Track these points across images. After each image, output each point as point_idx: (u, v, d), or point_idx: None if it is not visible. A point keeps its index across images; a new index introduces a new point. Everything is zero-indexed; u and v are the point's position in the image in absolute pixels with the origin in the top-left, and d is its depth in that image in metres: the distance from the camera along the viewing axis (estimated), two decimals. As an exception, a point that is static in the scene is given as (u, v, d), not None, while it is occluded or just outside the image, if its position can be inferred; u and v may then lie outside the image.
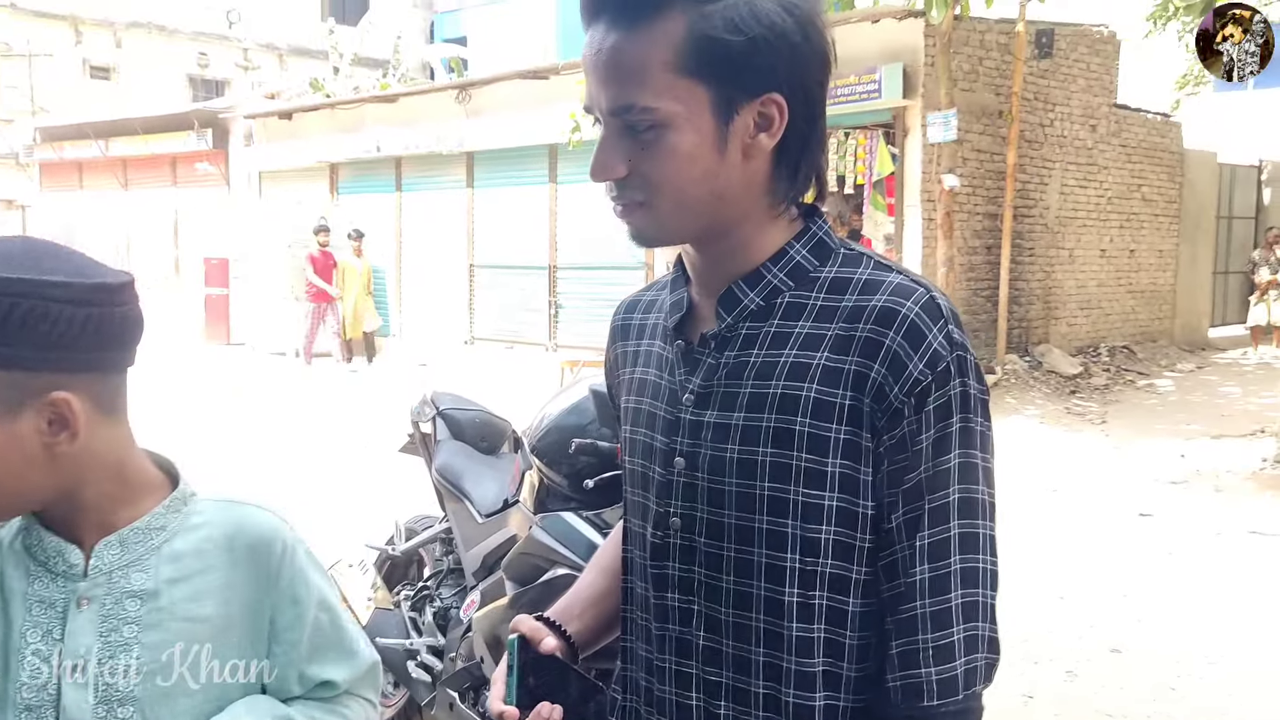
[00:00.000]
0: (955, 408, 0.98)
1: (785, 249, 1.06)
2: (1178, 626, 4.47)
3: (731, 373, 1.04)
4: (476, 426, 3.47)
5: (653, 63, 0.97)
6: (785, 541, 1.00)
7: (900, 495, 0.99)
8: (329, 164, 16.17)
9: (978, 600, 0.99)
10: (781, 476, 1.00)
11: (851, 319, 1.00)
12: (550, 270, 13.64)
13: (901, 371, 0.97)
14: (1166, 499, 6.69)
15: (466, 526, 3.08)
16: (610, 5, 0.99)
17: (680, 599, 1.07)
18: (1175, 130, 13.75)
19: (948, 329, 0.99)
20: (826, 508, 0.99)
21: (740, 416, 1.02)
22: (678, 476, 1.07)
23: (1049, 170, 11.63)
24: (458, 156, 14.31)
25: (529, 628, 1.12)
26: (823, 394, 0.99)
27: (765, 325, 1.04)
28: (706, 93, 0.98)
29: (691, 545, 1.06)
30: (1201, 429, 8.87)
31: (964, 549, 0.99)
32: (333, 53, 21.46)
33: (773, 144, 1.01)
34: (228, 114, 18.17)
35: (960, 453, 0.98)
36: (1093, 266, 12.44)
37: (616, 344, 1.23)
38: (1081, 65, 11.94)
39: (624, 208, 1.04)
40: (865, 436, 0.98)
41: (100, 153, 20.17)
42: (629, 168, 1.01)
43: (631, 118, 0.99)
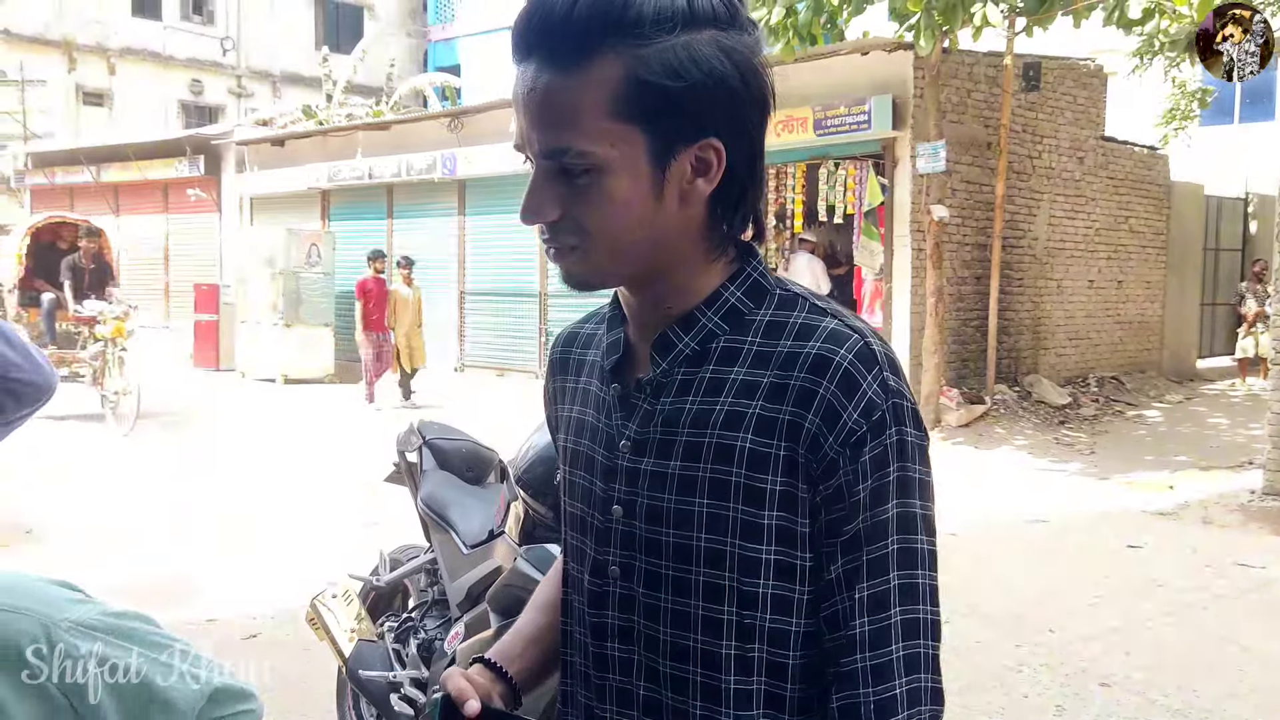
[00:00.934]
0: (892, 457, 0.96)
1: (720, 291, 1.03)
2: (1167, 659, 4.45)
3: (668, 420, 1.02)
4: (463, 457, 3.46)
5: (588, 106, 0.94)
6: (722, 594, 0.99)
7: (839, 546, 0.97)
8: (321, 190, 16.21)
9: (919, 652, 0.97)
10: (718, 528, 0.98)
11: (786, 366, 0.98)
12: (541, 298, 13.66)
13: (836, 421, 0.95)
14: (1155, 530, 6.69)
15: (452, 557, 3.06)
16: (542, 46, 0.96)
17: (620, 648, 1.05)
18: (1162, 163, 13.88)
19: (882, 376, 0.97)
20: (764, 561, 0.98)
21: (677, 465, 1.01)
22: (616, 524, 1.05)
23: (1037, 201, 11.72)
24: (449, 184, 14.36)
25: (454, 687, 1.06)
26: (758, 444, 0.97)
27: (700, 371, 1.02)
28: (643, 138, 0.96)
29: (630, 595, 1.04)
30: (1190, 460, 8.89)
31: (904, 600, 0.96)
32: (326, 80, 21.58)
33: (710, 189, 0.99)
34: (220, 140, 18.22)
35: (898, 502, 0.97)
36: (1081, 297, 12.51)
37: (555, 378, 1.21)
38: (1069, 98, 12.06)
39: (557, 250, 1.02)
40: (801, 488, 0.97)
41: (92, 178, 20.18)
42: (561, 211, 0.99)
43: (565, 161, 0.97)
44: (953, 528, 5.96)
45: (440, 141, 14.29)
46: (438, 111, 16.87)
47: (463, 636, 2.81)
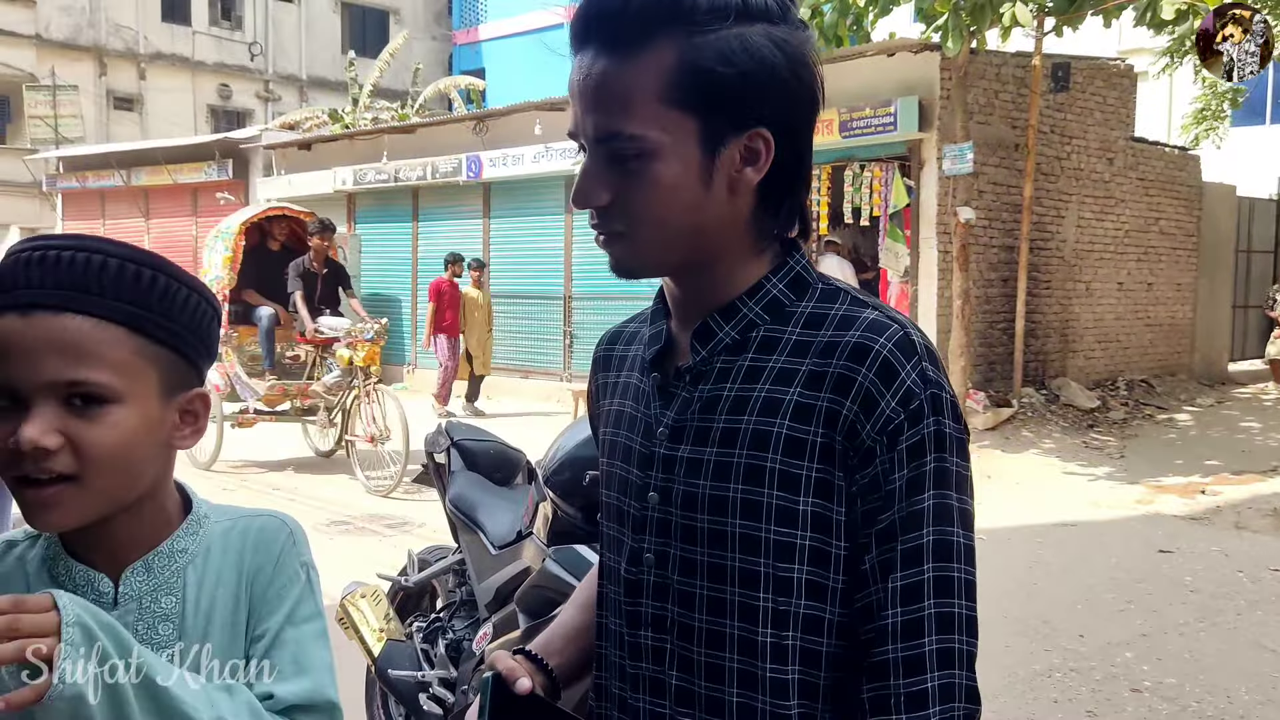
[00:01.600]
0: (929, 447, 0.96)
1: (762, 283, 1.04)
2: (1199, 665, 4.39)
3: (705, 407, 1.03)
4: (490, 458, 3.47)
5: (641, 91, 0.96)
6: (758, 580, 0.99)
7: (873, 536, 0.96)
8: (346, 193, 16.31)
9: (953, 647, 0.95)
10: (753, 514, 0.98)
11: (825, 354, 0.99)
12: (565, 300, 13.68)
13: (874, 409, 0.95)
14: (1186, 535, 6.61)
15: (480, 558, 3.07)
16: (600, 32, 0.98)
17: (654, 637, 1.05)
18: (1194, 163, 13.72)
19: (921, 365, 0.97)
20: (799, 547, 0.98)
21: (713, 452, 1.01)
22: (651, 512, 1.05)
23: (1065, 203, 11.62)
24: (474, 186, 14.42)
25: (505, 666, 1.08)
26: (795, 430, 0.97)
27: (739, 359, 1.03)
28: (694, 124, 0.97)
29: (665, 583, 1.04)
30: (1222, 464, 8.78)
31: (939, 593, 0.95)
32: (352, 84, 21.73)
33: (758, 179, 1.00)
34: (248, 144, 18.38)
35: (935, 493, 0.96)
36: (1110, 300, 12.38)
37: (598, 375, 1.23)
38: (1098, 99, 11.95)
39: (605, 237, 1.04)
40: (838, 475, 0.97)
41: (123, 182, 20.41)
42: (612, 196, 1.00)
43: (617, 146, 0.98)
44: (980, 531, 5.91)
45: (465, 144, 14.35)
46: (462, 114, 16.95)
47: (491, 637, 2.82)
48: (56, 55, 25.27)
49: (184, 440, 1.04)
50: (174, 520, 1.06)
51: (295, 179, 17.01)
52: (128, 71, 26.76)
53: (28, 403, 0.92)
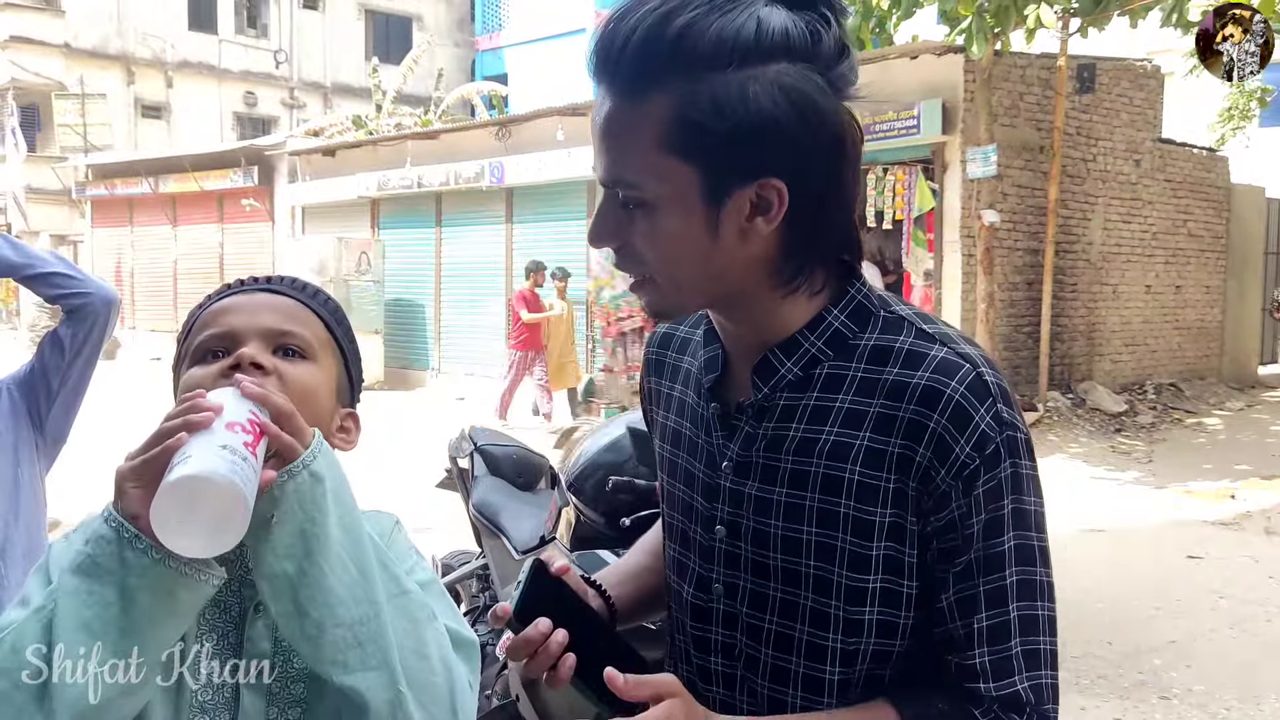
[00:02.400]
0: (1006, 490, 0.95)
1: (823, 314, 1.01)
2: (1229, 672, 4.34)
3: (770, 445, 1.01)
4: (514, 463, 3.48)
5: (639, 139, 0.93)
6: (828, 621, 0.99)
7: (950, 576, 0.96)
8: (370, 199, 16.41)
9: (1042, 683, 0.97)
10: (826, 557, 0.98)
11: (894, 396, 0.96)
12: (587, 305, 13.70)
13: (948, 455, 0.94)
14: (1216, 540, 6.53)
15: (503, 563, 3.07)
16: (608, 73, 0.95)
17: (724, 664, 1.06)
18: (1222, 165, 13.58)
19: (996, 408, 0.95)
20: (870, 590, 0.98)
21: (783, 492, 1.00)
22: (719, 543, 1.05)
23: (1092, 206, 11.53)
24: (497, 192, 14.47)
25: (547, 556, 1.09)
26: (866, 476, 0.96)
27: (804, 398, 1.01)
28: (694, 174, 0.93)
29: (734, 613, 1.04)
30: (1252, 469, 8.67)
31: (1024, 632, 0.96)
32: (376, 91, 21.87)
33: (771, 228, 0.95)
34: (273, 151, 18.53)
35: (1015, 534, 0.96)
36: (1137, 302, 12.27)
37: (650, 378, 1.21)
38: (1125, 100, 11.86)
39: (633, 282, 1.03)
40: (911, 519, 0.96)
41: (150, 190, 20.62)
42: (621, 240, 0.98)
43: (621, 191, 0.96)
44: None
45: (488, 150, 14.41)
46: (485, 120, 17.01)
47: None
48: (85, 64, 25.58)
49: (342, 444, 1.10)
50: None
51: (319, 185, 17.14)
52: (155, 80, 27.05)
53: (239, 343, 1.02)
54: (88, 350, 2.13)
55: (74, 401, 2.15)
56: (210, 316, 1.05)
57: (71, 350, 2.09)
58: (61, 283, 2.09)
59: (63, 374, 2.10)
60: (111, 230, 22.21)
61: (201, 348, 1.03)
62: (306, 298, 1.10)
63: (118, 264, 21.99)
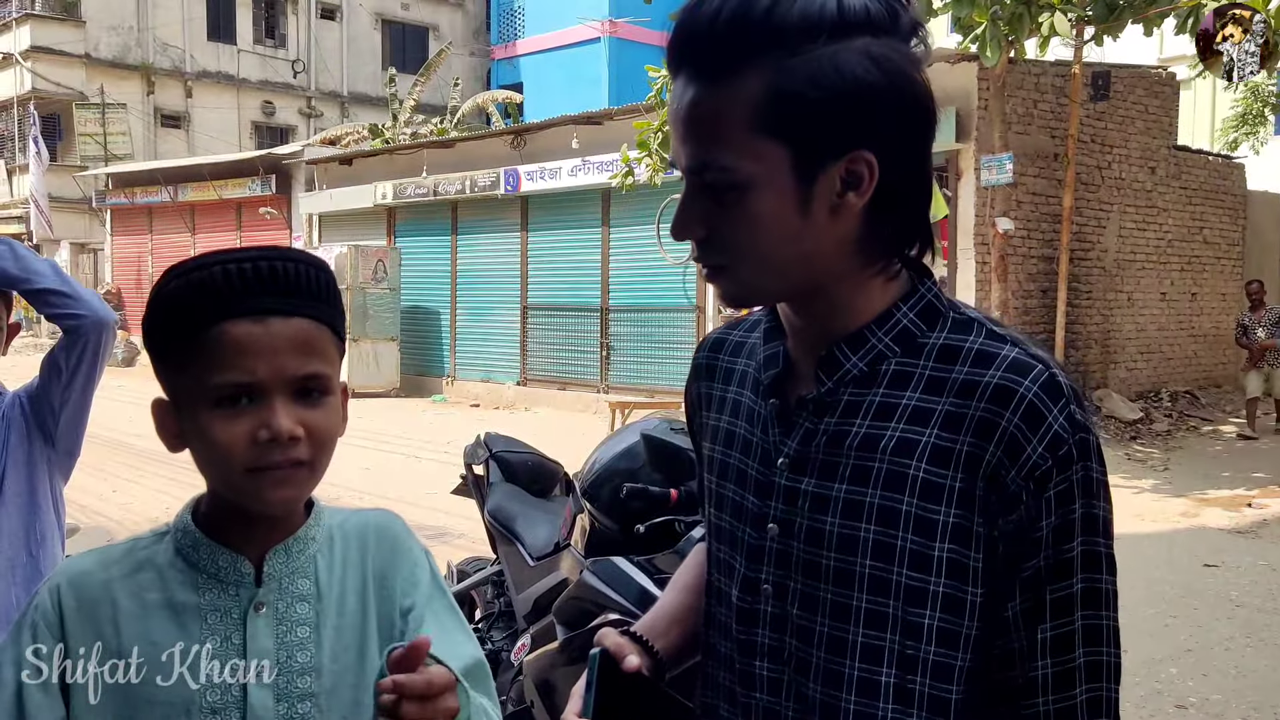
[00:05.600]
0: (1078, 493, 0.93)
1: (891, 311, 1.00)
2: (1246, 681, 4.33)
3: (831, 441, 0.99)
4: (528, 469, 3.50)
5: (731, 120, 0.92)
6: (885, 622, 0.96)
7: (1018, 584, 0.94)
8: (387, 207, 16.51)
9: (1100, 695, 0.95)
10: (885, 556, 0.95)
11: (963, 394, 0.94)
12: (602, 312, 13.73)
13: (1019, 455, 0.92)
14: (1233, 549, 6.50)
15: (518, 569, 3.10)
16: (691, 58, 0.94)
17: (770, 668, 1.02)
18: (1238, 172, 13.52)
19: (1069, 409, 0.93)
20: (932, 592, 0.94)
21: (842, 488, 0.97)
22: (770, 542, 1.02)
23: (1106, 213, 11.50)
24: (512, 200, 14.53)
25: (613, 644, 1.07)
26: (932, 474, 0.94)
27: (869, 394, 0.99)
28: (787, 152, 0.92)
29: (783, 615, 1.01)
30: (1268, 477, 8.62)
31: (1088, 642, 0.94)
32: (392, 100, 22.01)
33: (862, 203, 0.94)
34: (291, 160, 18.67)
35: (1084, 540, 0.93)
36: (1153, 310, 12.22)
37: (701, 383, 1.18)
38: (1140, 107, 11.83)
39: (709, 270, 1.00)
40: (977, 521, 0.93)
41: (170, 198, 20.79)
42: (707, 229, 0.97)
43: (710, 177, 0.94)
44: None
45: (503, 158, 14.48)
46: (501, 129, 17.10)
47: (529, 648, 2.85)
48: (105, 74, 25.84)
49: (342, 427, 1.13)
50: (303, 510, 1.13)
51: (336, 194, 17.25)
52: (174, 90, 27.29)
53: (267, 396, 1.00)
54: (84, 370, 2.09)
55: (79, 417, 2.14)
56: (226, 350, 0.99)
57: (67, 372, 2.07)
58: (56, 301, 2.04)
59: (62, 393, 2.07)
60: (131, 238, 22.40)
61: (221, 390, 0.99)
62: (317, 310, 1.05)
63: (138, 272, 22.18)
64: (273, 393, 1.00)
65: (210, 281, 1.00)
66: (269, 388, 1.00)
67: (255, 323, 1.00)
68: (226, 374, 0.99)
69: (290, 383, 1.01)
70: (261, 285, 1.01)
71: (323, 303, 1.05)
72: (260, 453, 0.99)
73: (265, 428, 0.98)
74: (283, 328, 1.01)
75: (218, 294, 1.00)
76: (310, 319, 1.03)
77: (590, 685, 1.05)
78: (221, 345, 0.99)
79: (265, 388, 0.99)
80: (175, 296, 1.02)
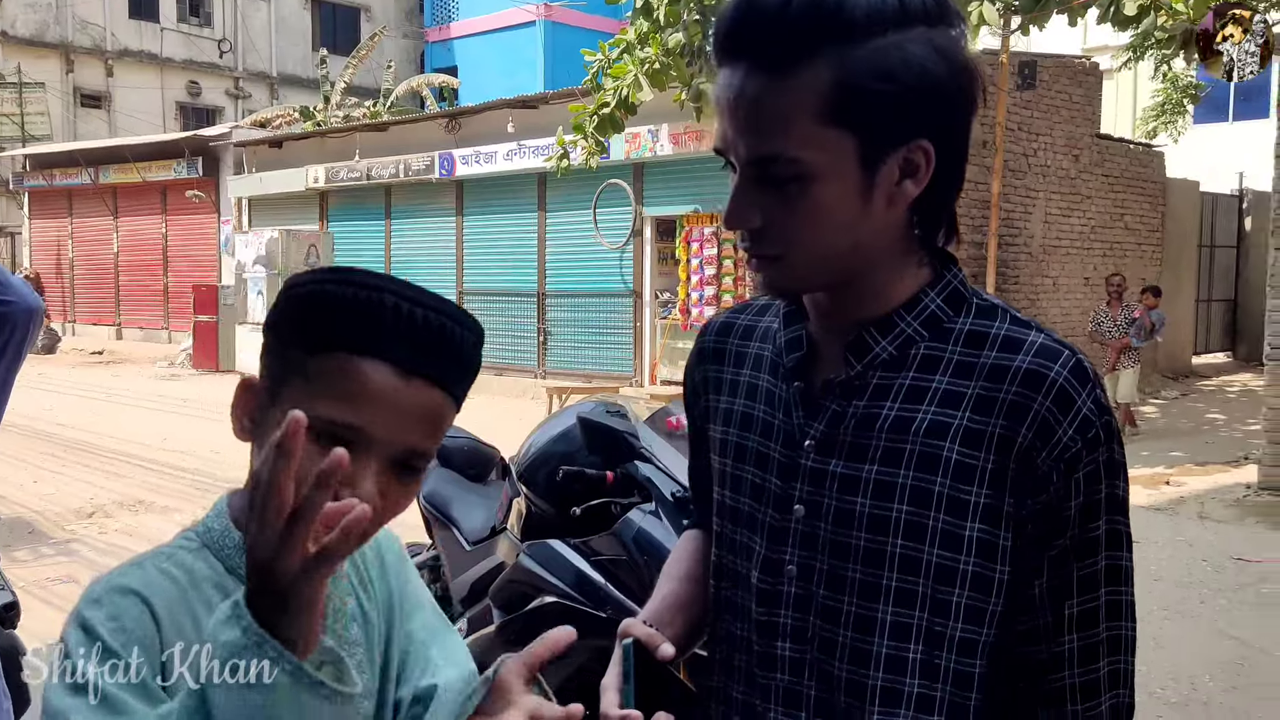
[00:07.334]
0: (1103, 474, 0.96)
1: (919, 296, 1.01)
2: (1165, 654, 4.48)
3: (861, 423, 1.00)
4: (464, 454, 3.49)
5: (798, 111, 0.92)
6: (915, 600, 0.98)
7: (1046, 562, 0.97)
8: (319, 191, 16.23)
9: (1120, 668, 1.00)
10: (916, 536, 0.97)
11: (994, 378, 0.97)
12: (539, 297, 13.68)
13: (1050, 436, 0.95)
14: (1152, 526, 6.72)
15: (454, 554, 3.09)
16: (753, 47, 0.92)
17: (793, 649, 1.03)
18: (1158, 160, 13.92)
19: (1095, 393, 0.97)
20: (961, 571, 0.97)
21: (872, 469, 0.99)
22: (795, 524, 1.03)
23: (1033, 200, 11.76)
24: (447, 184, 14.39)
25: (643, 633, 1.07)
26: (965, 455, 0.96)
27: (899, 377, 1.00)
28: (853, 142, 0.92)
29: (808, 595, 1.02)
30: (1186, 456, 8.93)
31: (1110, 616, 0.98)
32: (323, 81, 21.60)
33: (918, 191, 0.96)
34: (218, 142, 18.24)
35: (1108, 519, 0.97)
36: (1076, 295, 12.54)
37: (708, 366, 1.18)
38: (1064, 96, 12.10)
39: (758, 260, 0.99)
40: (1008, 501, 0.96)
41: (90, 181, 20.19)
42: (764, 219, 0.96)
43: (775, 169, 0.94)
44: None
45: (438, 142, 14.31)
46: (435, 112, 16.90)
47: (466, 632, 2.85)
48: (22, 52, 24.92)
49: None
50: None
51: (266, 177, 16.91)
52: (95, 68, 26.43)
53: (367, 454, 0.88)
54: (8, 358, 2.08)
55: None
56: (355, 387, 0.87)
57: None
58: None
59: None
60: (50, 222, 21.72)
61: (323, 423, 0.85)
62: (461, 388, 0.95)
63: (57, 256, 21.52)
64: (376, 454, 0.88)
65: (377, 309, 0.89)
66: (375, 447, 0.88)
67: (400, 377, 0.89)
68: (342, 411, 0.87)
69: (401, 453, 0.90)
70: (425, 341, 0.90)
71: (467, 381, 0.95)
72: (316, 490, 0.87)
73: (349, 486, 0.85)
74: (424, 396, 0.90)
75: (379, 326, 0.89)
76: (449, 395, 0.93)
77: (628, 676, 1.04)
78: (354, 379, 0.88)
79: (371, 444, 0.88)
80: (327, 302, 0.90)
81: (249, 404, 0.94)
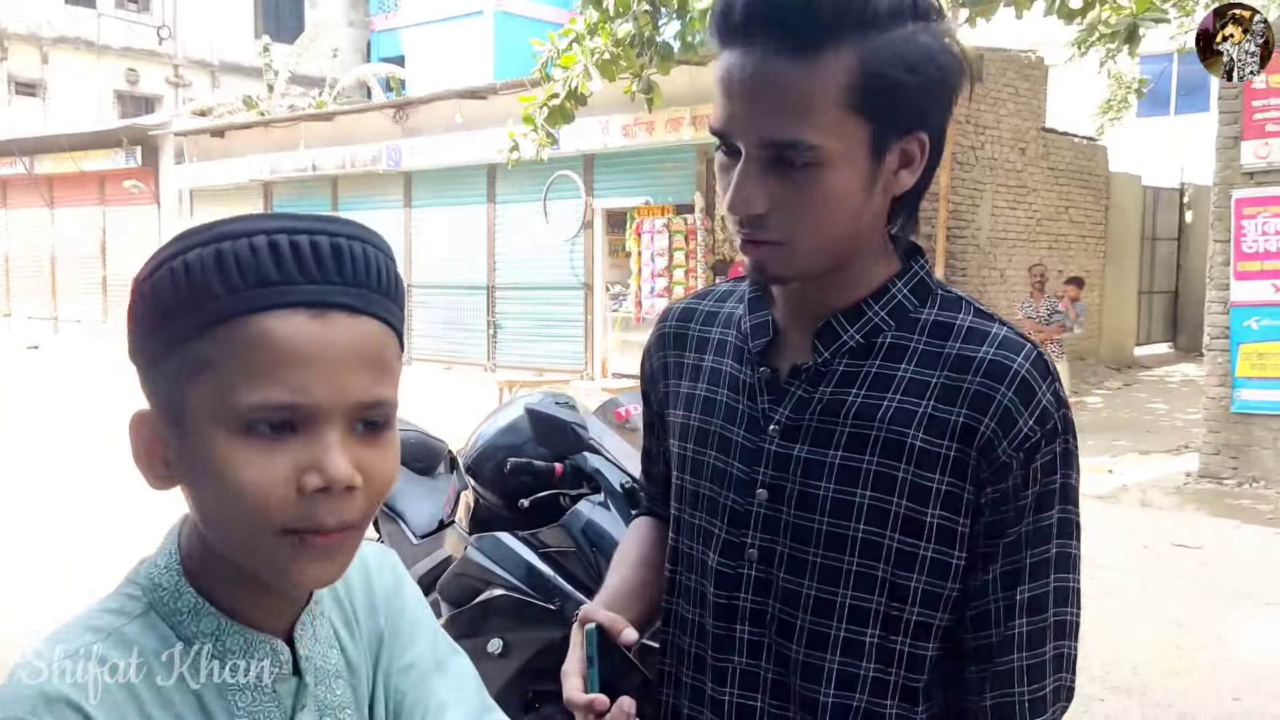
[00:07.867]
0: (1058, 465, 0.99)
1: (887, 286, 1.03)
2: (1105, 639, 4.55)
3: (826, 409, 1.01)
4: (411, 447, 3.43)
5: (821, 97, 0.91)
6: (874, 584, 0.99)
7: (1000, 548, 0.99)
8: (263, 182, 15.96)
9: (1064, 652, 1.02)
10: (878, 521, 0.99)
11: (958, 368, 0.99)
12: (489, 290, 13.58)
13: (1012, 427, 0.97)
14: (1095, 514, 6.83)
15: (401, 548, 3.03)
16: (775, 29, 0.91)
17: (752, 631, 1.05)
18: (1101, 154, 14.16)
19: (1054, 386, 0.99)
20: (921, 557, 0.99)
21: (837, 455, 1.00)
22: (758, 508, 1.04)
23: (980, 192, 11.90)
24: (395, 176, 14.22)
25: (606, 618, 1.05)
26: (928, 443, 0.98)
27: (865, 365, 1.02)
28: (867, 130, 0.93)
29: (768, 579, 1.03)
30: (1128, 444, 9.10)
31: (1058, 603, 1.01)
32: (267, 70, 21.24)
33: (913, 181, 0.98)
34: (158, 131, 17.86)
35: (1060, 508, 1.00)
36: (1023, 286, 12.72)
37: (667, 351, 1.18)
38: (1011, 90, 12.26)
39: (755, 245, 0.98)
40: (968, 489, 0.98)
41: (25, 170, 19.67)
42: (771, 204, 0.95)
43: (790, 154, 0.93)
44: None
45: (385, 133, 14.13)
46: (382, 103, 16.68)
47: (413, 628, 2.80)
48: (-48, 38, 24.20)
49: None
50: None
51: (208, 167, 16.59)
52: (29, 56, 25.70)
53: (319, 426, 0.71)
54: None
55: None
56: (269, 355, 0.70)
57: None
58: None
59: None
60: (-17, 213, 21.12)
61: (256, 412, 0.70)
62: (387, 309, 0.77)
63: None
64: (329, 422, 0.71)
65: (250, 255, 0.71)
66: (322, 416, 0.71)
67: (314, 318, 0.71)
68: (268, 391, 0.69)
69: (353, 410, 0.72)
70: (322, 268, 0.72)
71: (394, 300, 0.78)
72: (306, 508, 0.71)
73: (316, 471, 0.70)
74: (349, 331, 0.72)
75: (261, 273, 0.70)
76: (382, 321, 0.76)
77: (592, 660, 1.04)
78: (262, 347, 0.69)
79: (316, 415, 0.71)
80: (194, 272, 0.70)
81: (153, 445, 0.75)
